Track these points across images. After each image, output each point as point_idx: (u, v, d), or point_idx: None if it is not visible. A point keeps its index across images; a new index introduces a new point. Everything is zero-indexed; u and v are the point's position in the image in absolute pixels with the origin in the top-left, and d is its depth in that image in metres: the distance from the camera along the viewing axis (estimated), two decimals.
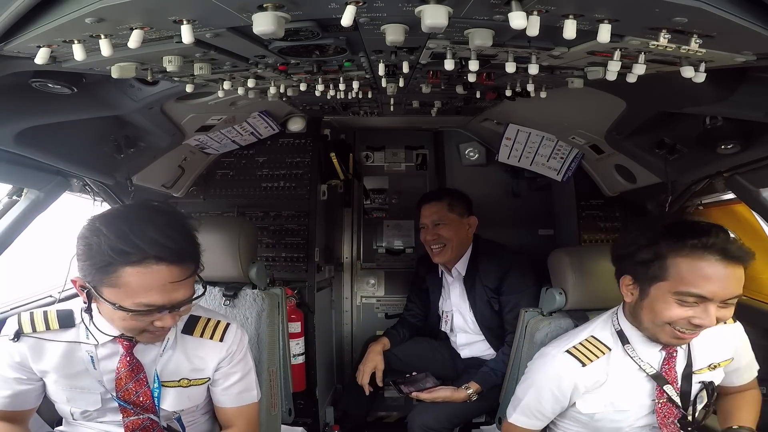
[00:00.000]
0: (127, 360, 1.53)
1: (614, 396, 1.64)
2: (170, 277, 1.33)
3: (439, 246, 2.65)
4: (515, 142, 2.84)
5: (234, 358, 1.68)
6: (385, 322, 3.61)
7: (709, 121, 1.71)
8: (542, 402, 1.68)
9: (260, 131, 2.87)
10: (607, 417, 1.66)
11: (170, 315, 1.39)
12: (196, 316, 1.65)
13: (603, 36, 0.92)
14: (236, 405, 1.71)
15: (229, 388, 1.69)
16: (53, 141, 1.74)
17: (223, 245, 2.10)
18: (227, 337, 1.65)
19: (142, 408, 1.56)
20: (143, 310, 1.34)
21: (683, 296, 1.42)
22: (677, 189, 2.17)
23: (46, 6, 0.91)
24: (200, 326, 1.64)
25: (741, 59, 1.08)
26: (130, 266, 1.29)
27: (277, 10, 0.90)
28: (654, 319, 1.51)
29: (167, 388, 1.60)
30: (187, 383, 1.62)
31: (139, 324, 1.38)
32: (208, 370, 1.65)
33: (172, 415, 1.63)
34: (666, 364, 1.62)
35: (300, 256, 2.97)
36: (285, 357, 2.24)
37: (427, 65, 1.50)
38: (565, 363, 1.63)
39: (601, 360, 1.62)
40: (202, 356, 1.63)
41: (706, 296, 1.40)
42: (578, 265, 1.97)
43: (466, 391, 2.48)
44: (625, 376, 1.62)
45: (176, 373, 1.60)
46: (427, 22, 0.86)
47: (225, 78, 1.53)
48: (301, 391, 2.81)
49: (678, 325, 1.46)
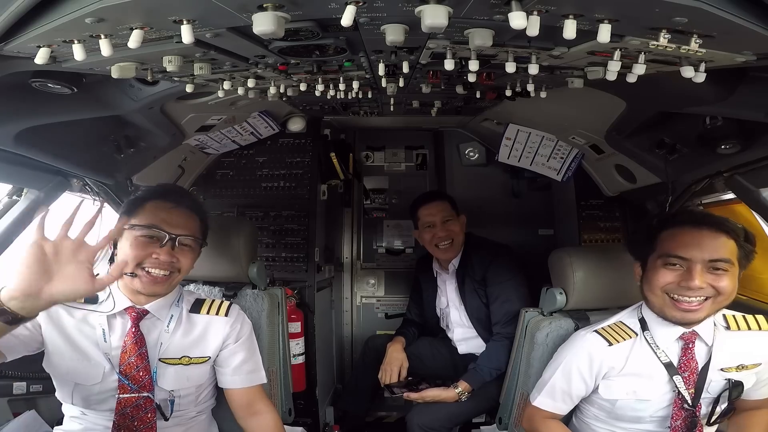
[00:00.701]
0: (132, 332, 1.64)
1: (636, 384, 1.67)
2: (172, 206, 1.68)
3: (447, 243, 2.70)
4: (515, 142, 2.85)
5: (240, 335, 1.80)
6: (385, 322, 3.62)
7: (709, 121, 1.71)
8: (570, 382, 1.74)
9: (260, 131, 2.87)
10: (628, 405, 1.69)
11: (167, 249, 1.62)
12: (201, 299, 1.83)
13: (603, 36, 0.92)
14: (250, 385, 1.79)
15: (239, 367, 1.78)
16: (53, 141, 1.74)
17: (223, 245, 2.10)
18: (231, 312, 1.81)
19: (140, 385, 1.62)
20: (149, 229, 1.62)
21: (667, 259, 1.59)
22: (677, 189, 2.17)
23: (46, 6, 0.91)
24: (206, 306, 1.80)
25: (741, 59, 1.08)
26: (150, 200, 1.68)
27: (277, 10, 0.90)
28: (652, 289, 1.63)
29: (167, 366, 1.68)
30: (188, 361, 1.71)
31: (143, 252, 1.60)
32: (210, 348, 1.75)
33: (168, 395, 1.68)
34: (684, 355, 1.64)
35: (300, 256, 2.97)
36: (285, 357, 2.23)
37: (427, 65, 1.50)
38: (593, 341, 1.72)
39: (627, 343, 1.70)
40: (207, 333, 1.75)
41: (685, 257, 1.56)
42: (578, 265, 1.97)
43: (455, 390, 2.48)
44: (647, 364, 1.67)
45: (178, 350, 1.71)
46: (427, 22, 0.86)
47: (225, 78, 1.53)
48: (301, 391, 2.81)
49: (671, 292, 1.59)
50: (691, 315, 1.58)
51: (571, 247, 2.70)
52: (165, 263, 1.62)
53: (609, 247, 2.94)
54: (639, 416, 1.70)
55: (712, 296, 1.55)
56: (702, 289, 1.54)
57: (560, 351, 1.84)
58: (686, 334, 1.64)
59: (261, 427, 1.78)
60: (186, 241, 1.67)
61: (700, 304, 1.56)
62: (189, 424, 1.77)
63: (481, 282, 2.66)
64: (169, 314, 1.72)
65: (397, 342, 2.81)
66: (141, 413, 1.61)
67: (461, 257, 2.74)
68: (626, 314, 1.79)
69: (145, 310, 1.67)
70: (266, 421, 1.78)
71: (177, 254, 1.64)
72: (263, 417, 1.78)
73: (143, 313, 1.67)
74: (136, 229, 1.61)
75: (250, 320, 1.90)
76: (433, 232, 2.71)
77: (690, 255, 1.55)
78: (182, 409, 1.73)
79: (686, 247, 1.56)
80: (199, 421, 1.81)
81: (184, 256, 1.67)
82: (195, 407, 1.78)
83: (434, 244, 2.71)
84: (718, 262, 1.54)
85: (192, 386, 1.73)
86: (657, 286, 1.61)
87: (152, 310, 1.68)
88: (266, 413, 1.79)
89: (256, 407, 1.78)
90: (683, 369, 1.64)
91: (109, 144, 2.04)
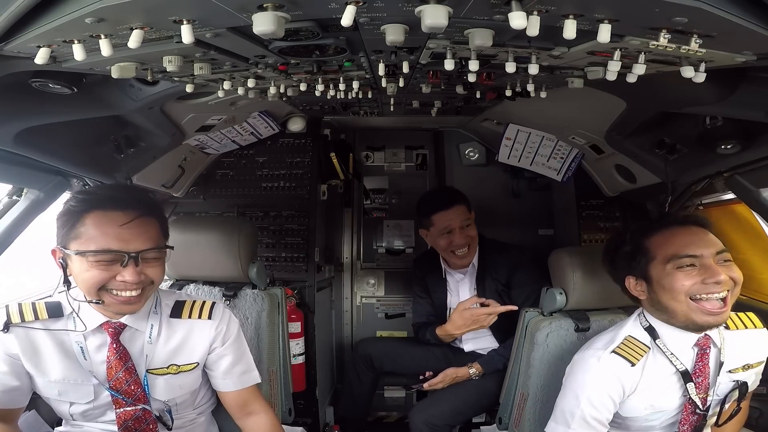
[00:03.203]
0: (114, 347, 1.54)
1: (653, 397, 1.61)
2: (124, 219, 1.43)
3: (465, 249, 2.58)
4: (515, 142, 2.85)
5: (226, 338, 1.70)
6: (385, 322, 3.62)
7: (709, 121, 1.71)
8: (600, 409, 1.61)
9: (260, 131, 2.87)
10: (642, 417, 1.63)
11: (131, 269, 1.42)
12: (181, 300, 1.69)
13: (603, 36, 0.92)
14: (243, 387, 1.73)
15: (230, 370, 1.71)
16: (53, 141, 1.74)
17: (223, 245, 2.10)
18: (215, 314, 1.68)
19: (134, 398, 1.56)
20: (102, 254, 1.40)
21: (677, 260, 1.51)
22: (677, 189, 2.17)
23: (46, 6, 0.91)
24: (187, 308, 1.67)
25: (741, 59, 1.07)
26: (87, 214, 1.43)
27: (277, 10, 0.90)
28: (674, 297, 1.53)
29: (157, 377, 1.60)
30: (176, 369, 1.63)
31: (102, 275, 1.42)
32: (197, 354, 1.66)
33: (164, 405, 1.63)
34: (699, 361, 1.60)
35: (300, 256, 2.97)
36: (285, 357, 2.23)
37: (427, 65, 1.50)
38: (617, 364, 1.60)
39: (645, 359, 1.61)
40: (192, 339, 1.65)
41: (696, 255, 1.50)
42: (578, 265, 1.97)
43: (469, 369, 2.52)
44: (661, 374, 1.61)
45: (164, 359, 1.61)
46: (427, 22, 0.86)
47: (225, 78, 1.53)
48: (301, 391, 2.81)
49: (697, 293, 1.49)
50: (720, 317, 1.51)
51: (571, 247, 2.71)
52: (133, 283, 1.44)
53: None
54: (650, 426, 1.65)
55: (730, 289, 1.50)
56: (726, 281, 1.48)
57: (575, 380, 1.67)
58: (701, 340, 1.59)
59: (257, 427, 1.75)
60: (151, 254, 1.48)
61: (724, 303, 1.50)
62: (189, 426, 1.75)
63: (506, 285, 2.58)
64: (149, 324, 1.60)
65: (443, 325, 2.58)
66: (143, 425, 1.59)
67: (479, 257, 2.66)
68: (630, 326, 1.68)
69: (122, 323, 1.56)
70: (262, 421, 1.75)
71: (144, 269, 1.46)
72: (259, 417, 1.75)
73: (120, 327, 1.56)
74: (88, 255, 1.40)
75: (237, 318, 1.79)
76: (450, 238, 2.55)
77: (700, 251, 1.50)
78: (181, 414, 1.71)
79: (692, 245, 1.51)
80: (199, 423, 1.79)
81: (153, 267, 1.49)
82: (193, 410, 1.76)
83: (450, 250, 2.58)
84: (723, 253, 1.52)
85: (186, 393, 1.68)
86: (680, 292, 1.51)
87: (130, 323, 1.57)
88: (262, 413, 1.76)
89: (251, 407, 1.75)
90: (697, 375, 1.59)
91: (109, 144, 2.04)
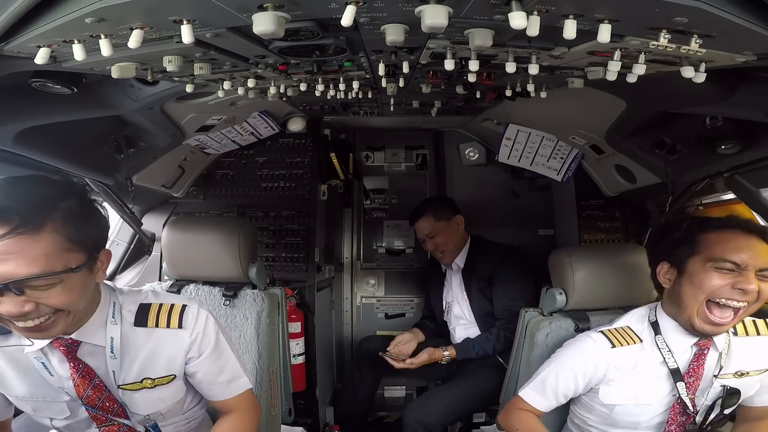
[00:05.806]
0: (73, 366, 1.33)
1: (637, 389, 1.64)
2: None
3: (441, 252, 2.94)
4: (515, 142, 2.85)
5: (203, 347, 1.45)
6: (386, 322, 3.63)
7: (709, 121, 1.70)
8: (559, 379, 1.71)
9: (260, 131, 2.87)
10: (626, 410, 1.66)
11: (10, 299, 1.10)
12: (146, 303, 1.42)
13: (603, 36, 0.92)
14: (232, 395, 1.55)
15: (215, 380, 1.51)
16: (53, 141, 1.74)
17: (223, 245, 2.10)
18: (186, 321, 1.42)
19: (114, 413, 1.39)
20: None
21: (720, 263, 1.51)
22: (677, 189, 2.17)
23: (46, 6, 0.91)
24: (153, 315, 1.41)
25: (741, 59, 1.07)
26: None
27: (277, 10, 0.90)
28: (696, 294, 1.54)
29: (131, 392, 1.39)
30: (152, 383, 1.41)
31: None
32: (173, 366, 1.43)
33: (146, 420, 1.45)
34: (694, 362, 1.61)
35: (300, 256, 2.97)
36: (285, 357, 2.24)
37: (427, 65, 1.50)
38: (596, 340, 1.68)
39: (631, 348, 1.65)
40: (164, 349, 1.41)
41: (740, 264, 1.49)
42: (579, 265, 1.97)
43: (443, 351, 2.71)
44: (651, 368, 1.64)
45: (136, 374, 1.39)
46: (427, 22, 0.86)
47: (225, 78, 1.53)
48: (301, 391, 2.81)
49: (718, 296, 1.51)
50: (719, 329, 1.54)
51: (571, 247, 2.72)
52: (21, 314, 1.12)
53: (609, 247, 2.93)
54: (636, 422, 1.67)
55: (751, 302, 1.51)
56: (752, 293, 1.48)
57: (562, 348, 1.80)
58: (701, 341, 1.61)
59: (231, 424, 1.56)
60: (29, 284, 1.09)
61: (735, 314, 1.51)
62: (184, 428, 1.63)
63: (488, 281, 2.81)
64: (108, 337, 1.34)
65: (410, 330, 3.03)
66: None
67: (467, 257, 2.90)
68: (635, 319, 1.73)
69: (74, 339, 1.31)
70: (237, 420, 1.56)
71: (38, 298, 1.12)
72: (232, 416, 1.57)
73: (73, 343, 1.31)
74: None
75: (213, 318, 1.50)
76: (425, 246, 3.01)
77: (745, 262, 1.49)
78: (170, 421, 1.54)
79: (740, 253, 1.50)
80: (193, 427, 1.67)
81: (50, 294, 1.13)
82: (183, 415, 1.59)
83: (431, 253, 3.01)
84: (766, 270, 1.51)
85: (170, 404, 1.47)
86: (704, 290, 1.52)
87: (82, 338, 1.32)
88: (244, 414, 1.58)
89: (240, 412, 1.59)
90: (689, 375, 1.60)
91: (109, 144, 2.04)
